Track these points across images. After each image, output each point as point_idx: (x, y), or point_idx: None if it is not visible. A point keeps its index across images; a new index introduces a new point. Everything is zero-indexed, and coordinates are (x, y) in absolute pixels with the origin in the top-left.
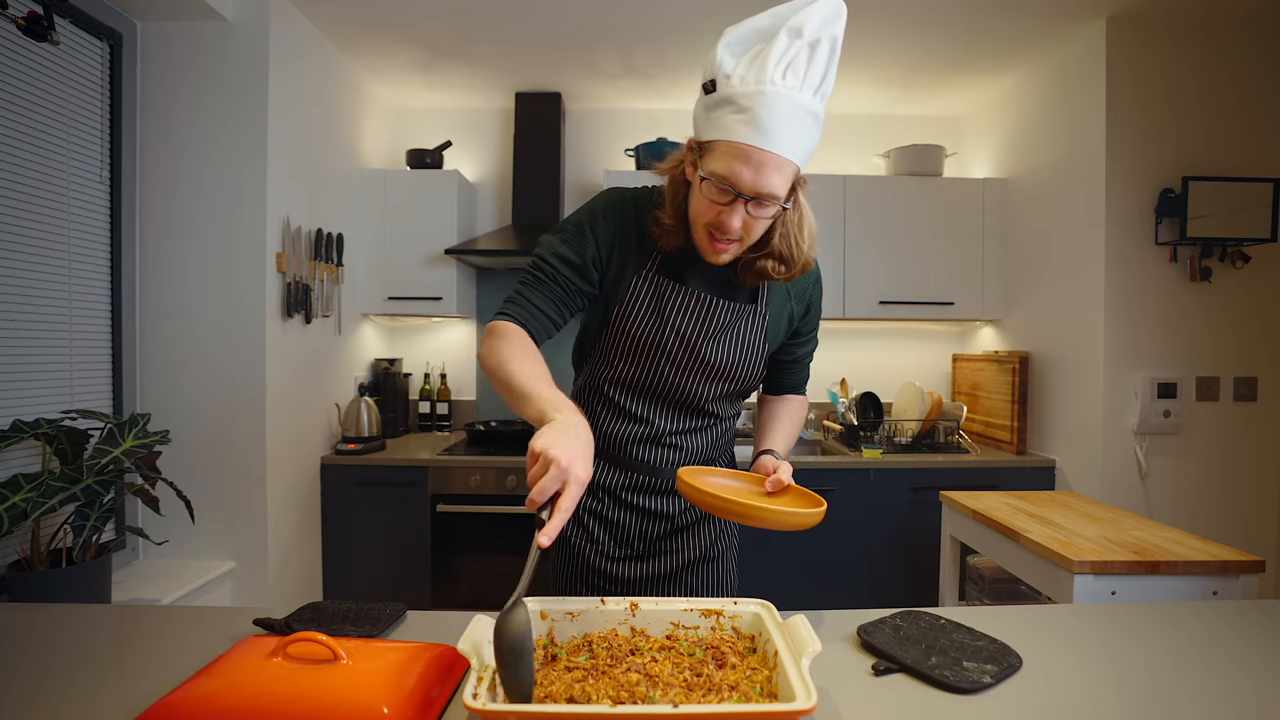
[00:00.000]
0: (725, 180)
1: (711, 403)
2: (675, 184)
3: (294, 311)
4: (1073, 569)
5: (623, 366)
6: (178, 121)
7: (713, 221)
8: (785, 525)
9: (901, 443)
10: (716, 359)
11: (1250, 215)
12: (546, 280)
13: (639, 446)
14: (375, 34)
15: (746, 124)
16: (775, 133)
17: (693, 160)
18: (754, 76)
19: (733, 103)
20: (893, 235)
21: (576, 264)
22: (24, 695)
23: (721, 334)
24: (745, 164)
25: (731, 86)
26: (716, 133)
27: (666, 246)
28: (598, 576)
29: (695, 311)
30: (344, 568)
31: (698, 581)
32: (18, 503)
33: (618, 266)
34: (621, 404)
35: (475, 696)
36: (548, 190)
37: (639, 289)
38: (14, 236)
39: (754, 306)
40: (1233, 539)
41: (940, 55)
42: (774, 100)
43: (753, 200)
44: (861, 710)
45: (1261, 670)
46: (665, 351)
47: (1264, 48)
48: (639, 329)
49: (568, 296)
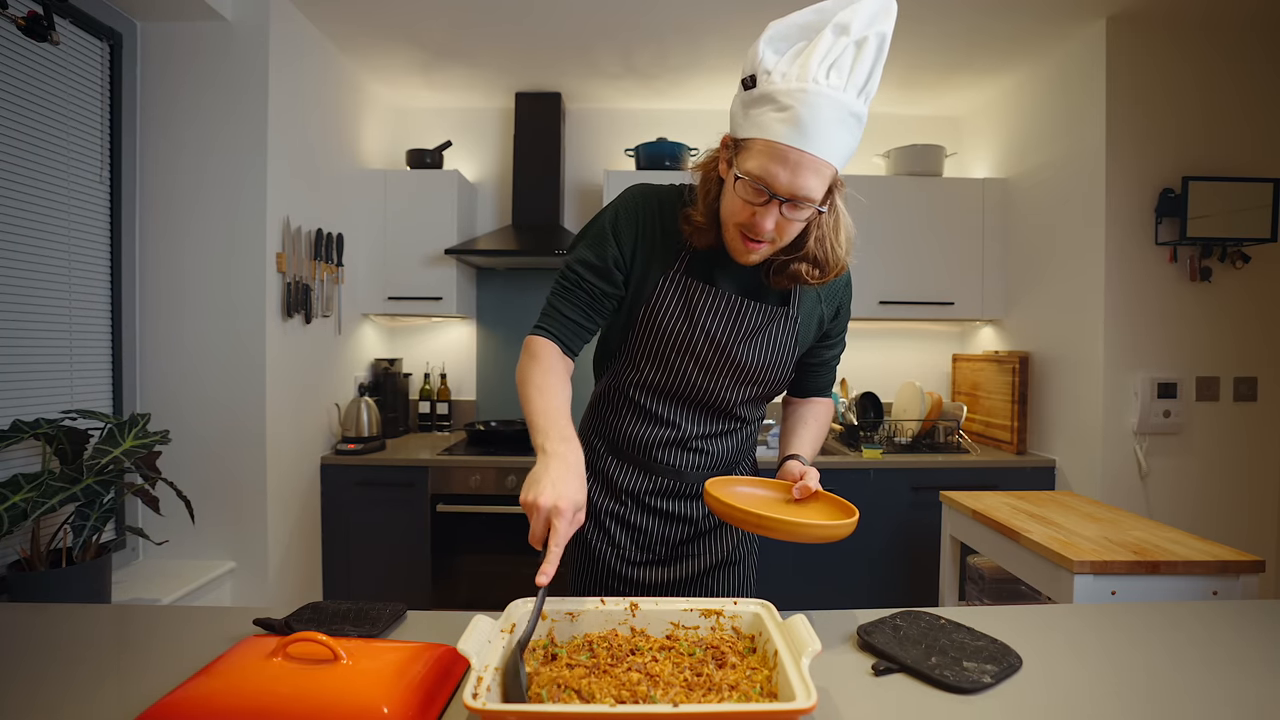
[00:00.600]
0: (761, 180)
1: (739, 406)
2: (708, 181)
3: (294, 311)
4: (1073, 569)
5: (649, 369)
6: (178, 121)
7: (745, 222)
8: (818, 538)
9: (901, 443)
10: (746, 362)
11: (1250, 215)
12: (573, 288)
13: (664, 450)
14: (375, 34)
15: (786, 123)
16: (815, 134)
17: (727, 158)
18: (796, 74)
19: (773, 100)
20: (893, 235)
21: (599, 267)
22: (24, 695)
23: (752, 337)
24: (782, 165)
25: (772, 83)
26: (754, 130)
27: (697, 244)
28: (617, 580)
29: (725, 313)
30: (344, 568)
31: (717, 586)
32: (18, 503)
33: (642, 265)
34: (647, 407)
35: (475, 696)
36: (548, 190)
37: (666, 290)
38: (14, 236)
39: (785, 309)
40: (1233, 539)
41: (940, 55)
42: (816, 99)
43: (788, 202)
44: (861, 710)
45: (1261, 670)
46: (694, 353)
47: (1264, 48)
48: (667, 330)
49: (595, 301)
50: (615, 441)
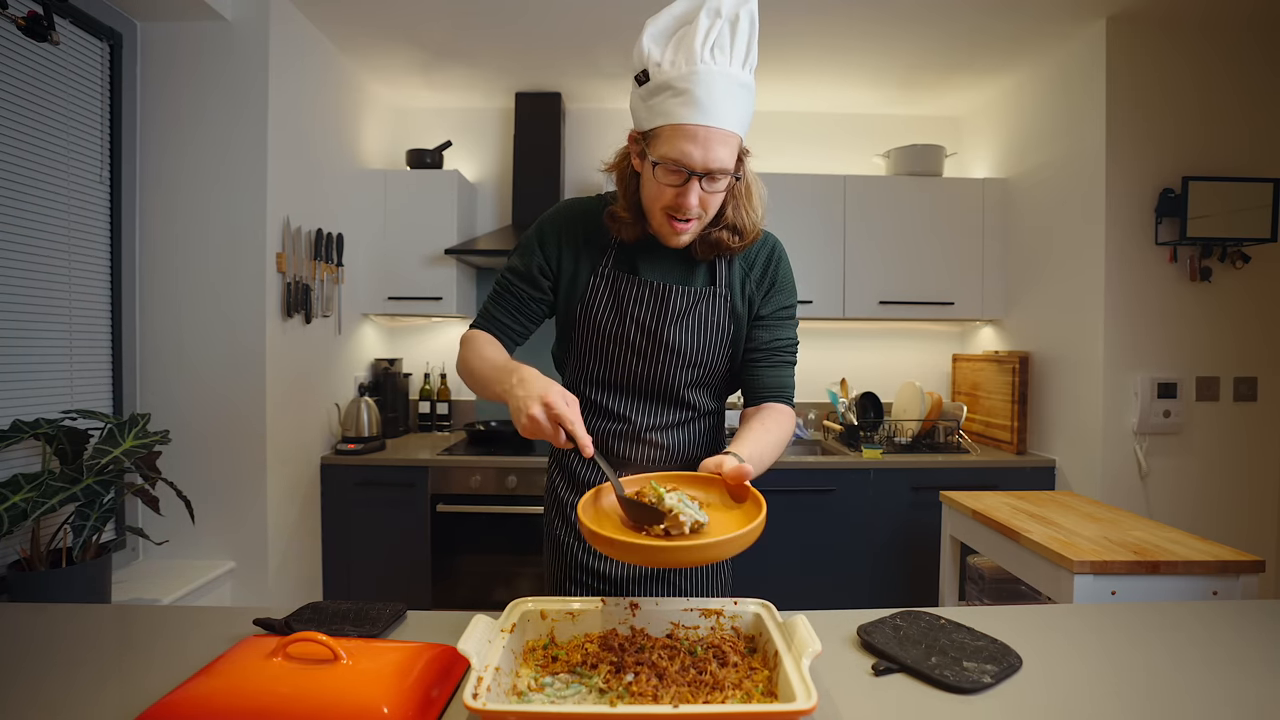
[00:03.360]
0: (677, 161)
1: (684, 390)
2: (624, 177)
3: (294, 311)
4: (1073, 569)
5: (593, 364)
6: (178, 122)
7: (670, 204)
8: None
9: (901, 443)
10: (678, 343)
11: (1250, 215)
12: (504, 294)
13: (620, 443)
14: (375, 34)
15: (686, 105)
16: (714, 108)
17: (639, 150)
18: (684, 59)
19: (669, 87)
20: (893, 235)
21: (524, 273)
22: (24, 695)
23: (681, 319)
24: (692, 143)
25: (664, 73)
26: (659, 119)
27: (625, 238)
28: (587, 574)
29: (651, 301)
30: (344, 567)
31: (690, 579)
32: (18, 503)
33: (570, 268)
34: (599, 402)
35: (475, 696)
36: (548, 190)
37: (597, 286)
38: (14, 236)
39: (713, 289)
40: (1233, 539)
41: (940, 55)
42: (708, 78)
43: (705, 177)
44: (861, 710)
45: (1261, 670)
46: (629, 342)
47: (1263, 48)
48: (601, 324)
49: (523, 305)
50: None
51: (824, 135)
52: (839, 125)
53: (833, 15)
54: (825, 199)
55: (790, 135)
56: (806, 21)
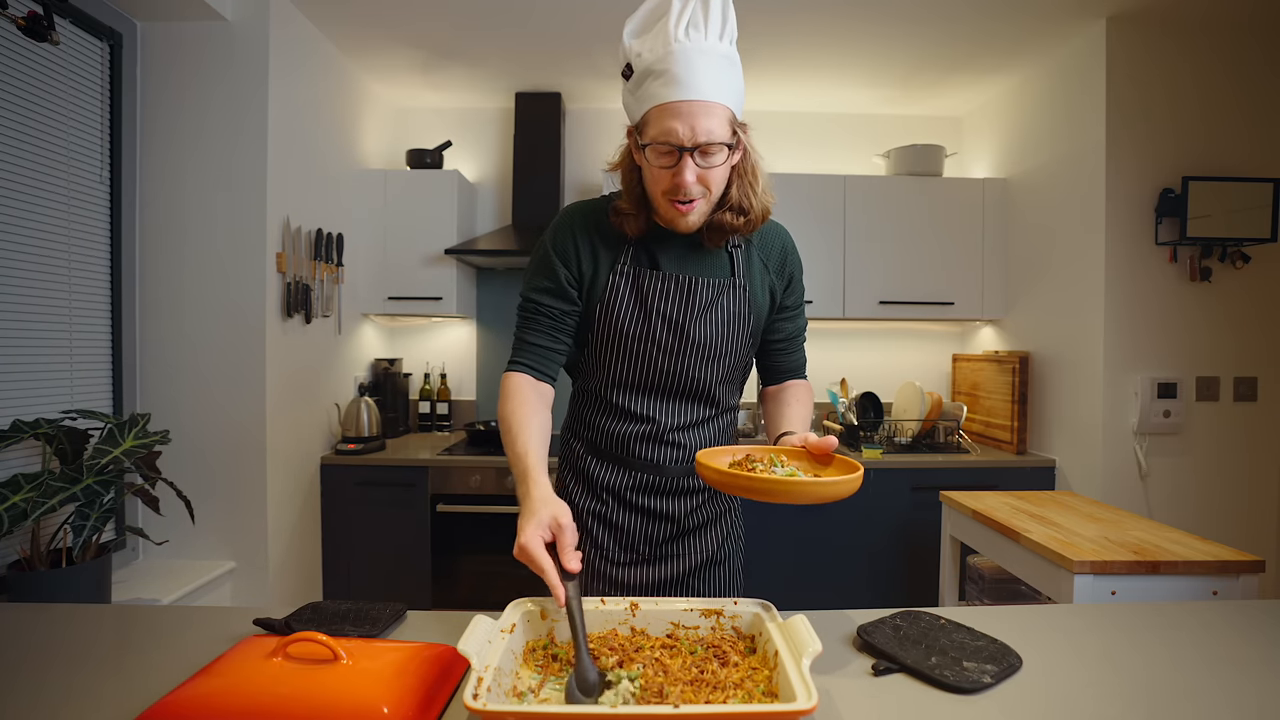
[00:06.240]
0: (664, 140)
1: (711, 387)
2: (628, 173)
3: (294, 311)
4: (1073, 569)
5: (616, 364)
6: (178, 122)
7: (668, 187)
8: (821, 497)
9: (901, 443)
10: (705, 337)
11: (1250, 215)
12: (533, 316)
13: (642, 445)
14: (375, 34)
15: (666, 84)
16: (694, 82)
17: (635, 143)
18: (661, 43)
19: (650, 73)
20: (893, 235)
21: (553, 289)
22: (24, 695)
23: (706, 311)
24: (676, 118)
25: (644, 61)
26: (645, 105)
27: (630, 231)
28: (603, 582)
29: (676, 294)
30: (344, 567)
31: (705, 586)
32: (18, 503)
33: (590, 271)
34: (621, 404)
35: (475, 697)
36: (547, 190)
37: (618, 283)
38: (14, 236)
39: (733, 280)
40: (1233, 539)
41: (940, 55)
42: (685, 55)
43: (697, 151)
44: (861, 710)
45: (1261, 670)
46: (654, 339)
47: (1263, 49)
48: (624, 321)
49: (556, 323)
50: (593, 440)
51: (824, 135)
52: (839, 125)
53: (833, 15)
54: (825, 199)
55: (790, 135)
56: (807, 21)
